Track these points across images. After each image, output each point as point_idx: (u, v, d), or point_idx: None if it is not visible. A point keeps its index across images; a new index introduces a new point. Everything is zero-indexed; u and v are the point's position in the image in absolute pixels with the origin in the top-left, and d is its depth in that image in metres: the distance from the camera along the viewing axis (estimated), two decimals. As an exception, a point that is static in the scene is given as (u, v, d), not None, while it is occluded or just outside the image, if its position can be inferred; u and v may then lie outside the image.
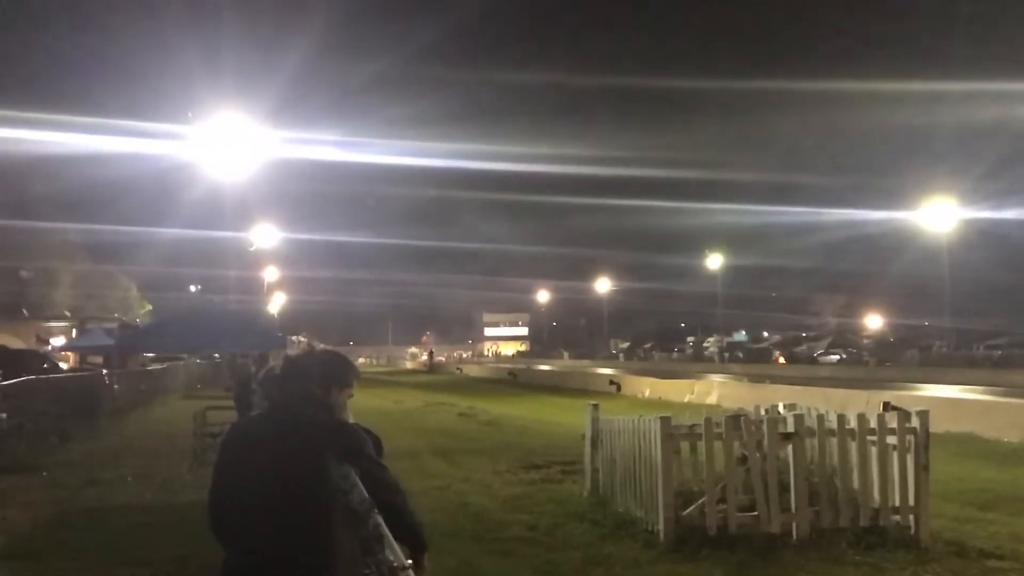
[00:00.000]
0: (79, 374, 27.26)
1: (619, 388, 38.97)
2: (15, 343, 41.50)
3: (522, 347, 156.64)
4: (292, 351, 3.75)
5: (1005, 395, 28.33)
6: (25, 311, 53.93)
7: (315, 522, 3.25)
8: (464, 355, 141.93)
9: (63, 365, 32.40)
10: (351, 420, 4.23)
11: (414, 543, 3.39)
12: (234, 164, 44.68)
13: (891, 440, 9.13)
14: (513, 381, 54.97)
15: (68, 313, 54.79)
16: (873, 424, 9.20)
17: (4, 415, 15.58)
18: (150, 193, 68.77)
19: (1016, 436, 18.01)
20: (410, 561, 2.05)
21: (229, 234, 54.97)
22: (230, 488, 3.39)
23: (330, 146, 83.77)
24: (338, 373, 3.72)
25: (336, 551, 3.23)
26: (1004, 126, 66.12)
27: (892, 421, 9.17)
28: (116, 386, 26.78)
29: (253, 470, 3.34)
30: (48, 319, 53.65)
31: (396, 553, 2.23)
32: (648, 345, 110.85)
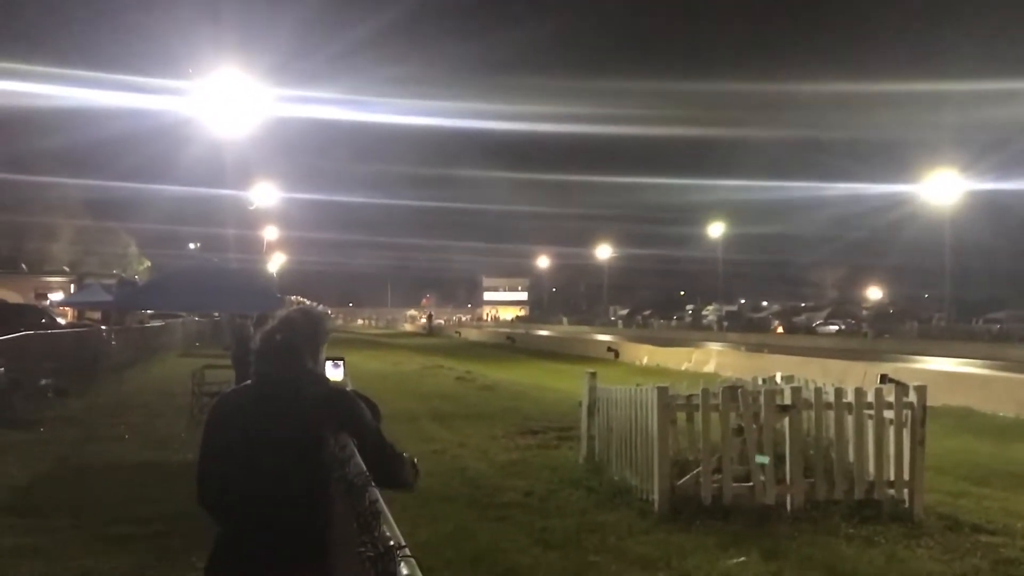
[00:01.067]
0: (77, 330, 27.25)
1: (617, 355, 38.99)
2: (13, 298, 41.49)
3: (521, 312, 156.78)
4: (273, 319, 3.55)
5: (1003, 369, 28.37)
6: (24, 266, 53.90)
7: (313, 496, 3.20)
8: (463, 319, 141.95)
9: (61, 320, 32.37)
10: (348, 385, 4.20)
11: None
12: (234, 121, 44.46)
13: (888, 414, 9.14)
14: (511, 346, 55.05)
15: (67, 268, 54.76)
16: (870, 398, 9.21)
17: (1, 370, 15.58)
18: (150, 149, 68.51)
19: (1012, 411, 18.04)
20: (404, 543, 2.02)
21: (229, 192, 54.87)
22: (222, 462, 3.31)
23: (331, 104, 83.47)
24: (322, 333, 3.65)
25: (334, 526, 3.19)
26: (1012, 96, 65.73)
27: (889, 395, 9.18)
28: (114, 342, 26.85)
29: (246, 444, 3.27)
30: (47, 274, 53.60)
31: (394, 531, 2.20)
32: (647, 312, 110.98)
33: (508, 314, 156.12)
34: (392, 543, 2.08)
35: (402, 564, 1.97)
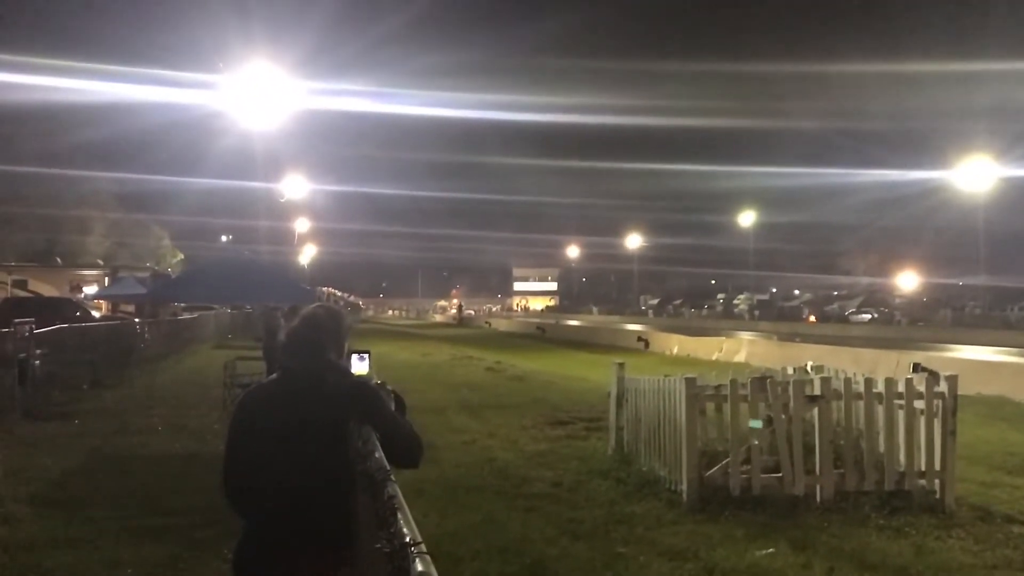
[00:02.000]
0: (111, 322, 27.56)
1: (647, 345, 38.88)
2: (48, 291, 42.05)
3: (551, 302, 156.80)
4: (297, 315, 3.62)
5: (1038, 358, 28.00)
6: (59, 259, 54.53)
7: (338, 487, 3.25)
8: (493, 309, 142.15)
9: (95, 313, 32.72)
10: (373, 378, 4.23)
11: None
12: (264, 114, 44.72)
13: (919, 404, 9.07)
14: (541, 336, 55.02)
15: (101, 261, 55.33)
16: (901, 388, 9.14)
17: (37, 362, 15.80)
18: (182, 142, 69.20)
19: (1048, 400, 17.83)
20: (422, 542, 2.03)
21: (260, 185, 55.19)
22: (248, 456, 3.38)
23: (361, 97, 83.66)
24: (344, 328, 3.73)
25: (357, 519, 3.24)
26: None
27: (920, 385, 9.10)
28: (147, 335, 27.09)
29: (272, 438, 3.33)
30: (81, 267, 54.19)
31: (411, 527, 2.21)
32: (678, 302, 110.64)
33: (538, 304, 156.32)
34: (408, 539, 2.10)
35: (417, 561, 1.98)
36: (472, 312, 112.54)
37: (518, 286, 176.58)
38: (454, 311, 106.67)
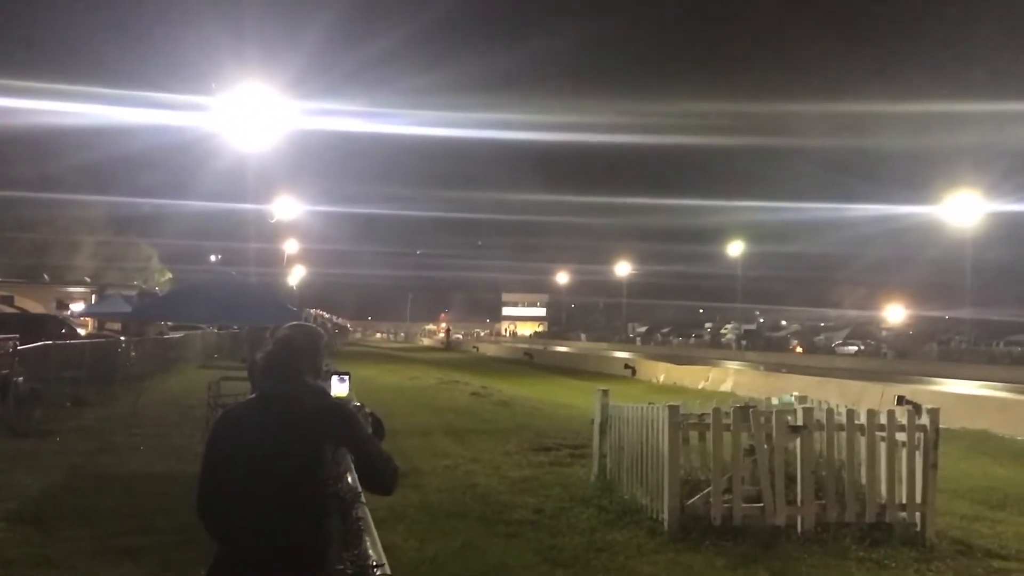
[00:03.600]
0: (96, 340, 27.41)
1: (634, 372, 38.94)
2: (35, 307, 41.81)
3: (540, 328, 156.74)
4: (274, 337, 3.61)
5: (1022, 393, 28.11)
6: (46, 276, 54.30)
7: (311, 511, 3.23)
8: (482, 334, 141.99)
9: (81, 331, 32.58)
10: (354, 400, 4.24)
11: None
12: (257, 135, 44.69)
13: (900, 436, 9.10)
14: (529, 362, 55.01)
15: (88, 279, 55.10)
16: (883, 420, 9.17)
17: (20, 379, 15.70)
18: (173, 164, 69.00)
19: (1031, 435, 17.90)
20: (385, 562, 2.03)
21: (250, 206, 55.10)
22: (223, 477, 3.35)
23: (352, 117, 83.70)
24: (321, 348, 3.72)
25: (330, 541, 3.22)
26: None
27: (902, 417, 9.14)
28: (133, 353, 26.98)
29: (247, 459, 3.31)
30: (68, 284, 53.95)
31: (377, 550, 2.22)
32: (666, 330, 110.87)
33: (527, 330, 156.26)
34: (372, 562, 2.10)
35: (380, 583, 1.98)
36: (460, 336, 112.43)
37: (507, 311, 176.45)
38: (442, 335, 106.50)
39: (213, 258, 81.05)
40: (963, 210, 61.52)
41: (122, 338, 28.32)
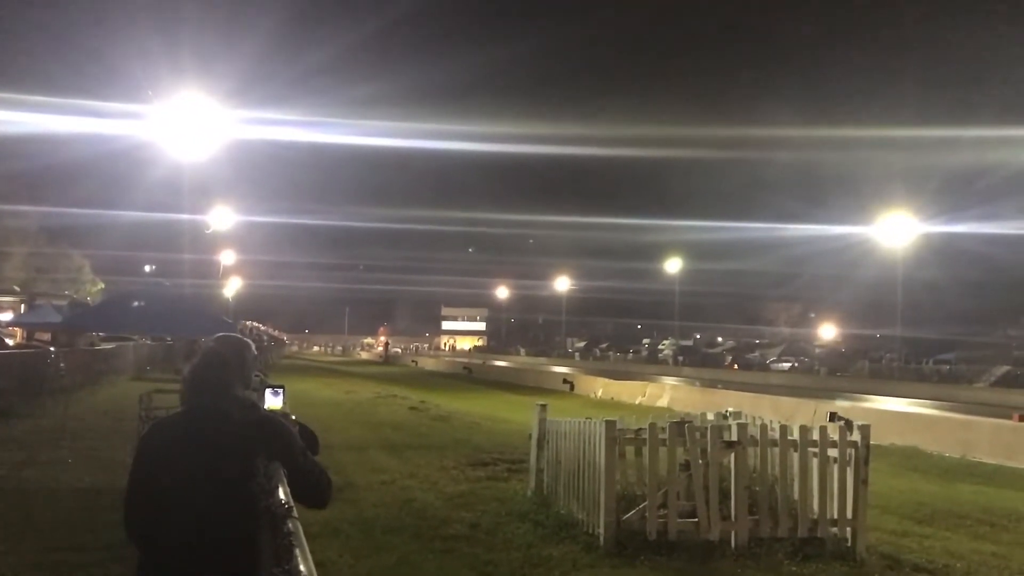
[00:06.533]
0: (25, 351, 26.78)
1: (572, 387, 39.09)
2: (-39, 317, 40.76)
3: (479, 342, 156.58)
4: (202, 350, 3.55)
5: (950, 410, 28.79)
6: (-28, 285, 52.94)
7: (241, 527, 3.17)
8: (420, 348, 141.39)
9: (9, 341, 31.81)
10: (288, 412, 4.18)
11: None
12: (193, 144, 44.03)
13: (832, 452, 9.23)
14: (468, 376, 54.90)
15: (17, 288, 53.83)
16: (815, 436, 9.30)
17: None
18: (107, 173, 67.75)
19: (958, 451, 18.31)
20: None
21: (186, 216, 54.30)
22: (150, 492, 3.27)
23: (293, 126, 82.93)
24: (250, 359, 3.67)
25: (261, 555, 3.16)
26: (959, 143, 67.21)
27: (834, 434, 9.27)
28: (63, 364, 26.33)
29: (175, 474, 3.24)
30: (-5, 293, 52.65)
31: (308, 564, 2.18)
32: (604, 345, 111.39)
33: (466, 344, 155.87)
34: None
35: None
36: (399, 350, 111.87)
37: (446, 325, 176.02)
38: (380, 348, 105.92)
39: (148, 269, 79.79)
40: (895, 231, 62.78)
41: (52, 348, 27.68)
